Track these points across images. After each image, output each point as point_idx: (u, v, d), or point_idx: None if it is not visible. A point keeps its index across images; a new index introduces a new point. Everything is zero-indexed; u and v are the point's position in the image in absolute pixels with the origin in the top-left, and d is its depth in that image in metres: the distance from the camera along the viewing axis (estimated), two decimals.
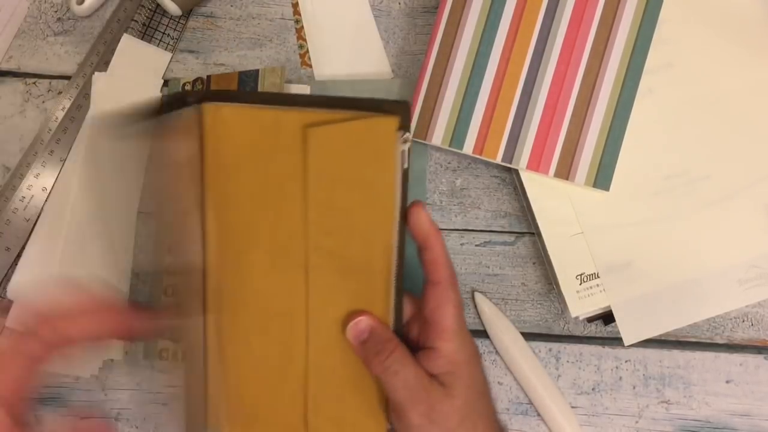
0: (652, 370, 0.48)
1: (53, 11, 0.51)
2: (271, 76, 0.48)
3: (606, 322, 0.47)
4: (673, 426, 0.47)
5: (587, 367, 0.48)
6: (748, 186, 0.46)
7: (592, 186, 0.45)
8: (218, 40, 0.51)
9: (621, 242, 0.46)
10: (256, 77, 0.48)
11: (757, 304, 0.48)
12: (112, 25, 0.50)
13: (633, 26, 0.45)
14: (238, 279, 0.36)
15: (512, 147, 0.45)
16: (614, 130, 0.45)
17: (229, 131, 0.35)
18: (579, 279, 0.45)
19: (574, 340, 0.48)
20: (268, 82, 0.47)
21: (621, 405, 0.47)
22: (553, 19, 0.45)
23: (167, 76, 0.50)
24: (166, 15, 0.50)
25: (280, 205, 0.35)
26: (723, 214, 0.46)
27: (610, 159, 0.45)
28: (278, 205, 0.35)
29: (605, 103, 0.45)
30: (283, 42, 0.51)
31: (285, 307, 0.36)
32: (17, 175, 0.48)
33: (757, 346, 0.48)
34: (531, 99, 0.45)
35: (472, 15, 0.46)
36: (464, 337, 0.38)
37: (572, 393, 0.48)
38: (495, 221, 0.49)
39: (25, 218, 0.48)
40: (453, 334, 0.37)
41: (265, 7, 0.51)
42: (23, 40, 0.50)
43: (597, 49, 0.45)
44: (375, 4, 0.50)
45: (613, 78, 0.45)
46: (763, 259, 0.46)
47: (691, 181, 0.46)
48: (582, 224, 0.46)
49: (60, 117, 0.49)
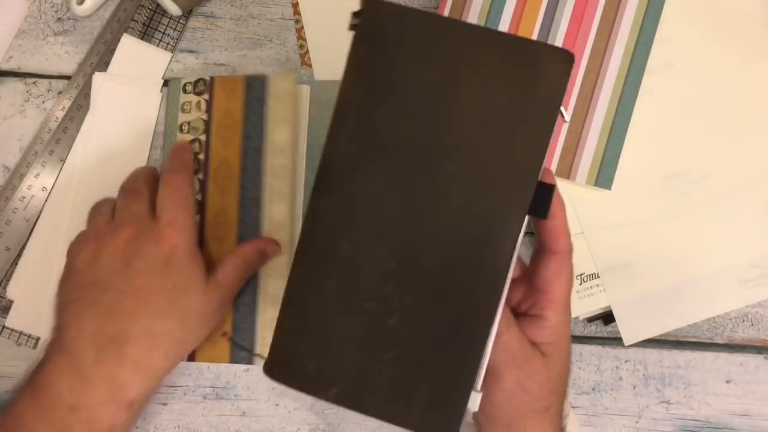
0: (652, 370, 0.48)
1: (53, 11, 0.51)
2: (282, 83, 0.47)
3: (606, 322, 0.47)
4: (673, 426, 0.47)
5: (587, 367, 0.48)
6: (748, 186, 0.46)
7: (593, 185, 0.45)
8: (218, 40, 0.51)
9: (621, 242, 0.46)
10: (264, 84, 0.47)
11: (757, 304, 0.48)
12: (112, 25, 0.50)
13: (634, 25, 0.45)
14: None
15: None
16: (615, 130, 0.45)
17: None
18: (579, 279, 0.45)
19: (574, 340, 0.48)
20: (279, 89, 0.47)
21: (621, 405, 0.47)
22: (553, 19, 0.45)
23: (167, 76, 0.50)
24: (166, 15, 0.50)
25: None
26: (723, 214, 0.46)
27: (611, 158, 0.45)
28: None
29: (606, 102, 0.45)
30: (283, 42, 0.50)
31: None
32: (17, 175, 0.48)
33: (757, 346, 0.48)
34: None
35: (472, 15, 0.46)
36: (570, 310, 0.37)
37: (572, 393, 0.48)
38: None
39: (25, 218, 0.48)
40: (563, 306, 0.37)
41: (265, 7, 0.51)
42: (23, 40, 0.50)
43: (598, 49, 0.45)
44: None
45: (614, 77, 0.45)
46: (763, 259, 0.46)
47: (691, 181, 0.46)
48: (582, 224, 0.46)
49: (60, 117, 0.49)
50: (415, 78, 0.33)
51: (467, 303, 0.33)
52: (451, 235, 0.33)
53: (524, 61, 0.33)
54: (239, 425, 0.47)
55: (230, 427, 0.47)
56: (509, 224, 0.33)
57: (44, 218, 0.48)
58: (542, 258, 0.37)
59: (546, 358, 0.36)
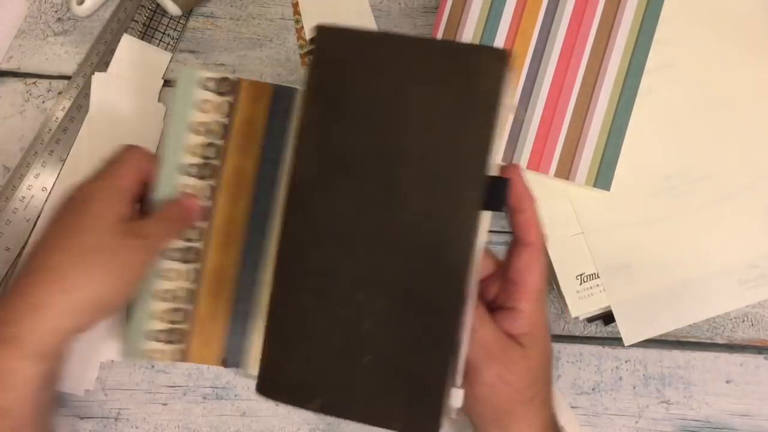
0: (652, 370, 0.48)
1: (53, 11, 0.51)
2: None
3: (606, 322, 0.47)
4: (673, 426, 0.47)
5: (587, 367, 0.48)
6: (748, 186, 0.46)
7: (592, 186, 0.45)
8: (218, 40, 0.51)
9: (621, 242, 0.46)
10: (293, 96, 0.44)
11: (757, 304, 0.48)
12: (112, 25, 0.50)
13: (634, 25, 0.45)
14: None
15: (512, 147, 0.45)
16: (615, 130, 0.45)
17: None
18: (579, 279, 0.45)
19: (574, 340, 0.48)
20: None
21: (621, 405, 0.47)
22: (553, 20, 0.45)
23: (167, 76, 0.50)
24: (166, 15, 0.50)
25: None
26: (723, 214, 0.46)
27: (610, 159, 0.45)
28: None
29: (606, 102, 0.45)
30: (283, 42, 0.51)
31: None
32: (17, 175, 0.48)
33: (757, 346, 0.48)
34: (531, 99, 0.45)
35: (472, 15, 0.46)
36: (545, 300, 0.38)
37: (572, 393, 0.48)
38: (495, 221, 0.49)
39: (25, 218, 0.48)
40: (538, 296, 0.37)
41: (265, 7, 0.51)
42: (23, 40, 0.50)
43: (597, 49, 0.45)
44: (375, 4, 0.50)
45: (613, 77, 0.45)
46: (763, 259, 0.46)
47: (691, 181, 0.46)
48: (582, 224, 0.46)
49: (60, 117, 0.49)
50: (366, 94, 0.36)
51: (433, 302, 0.34)
52: (411, 237, 0.35)
53: (462, 63, 0.35)
54: (239, 425, 0.47)
55: (230, 427, 0.47)
56: (463, 221, 0.34)
57: (44, 218, 0.48)
58: (515, 250, 0.38)
59: (523, 348, 0.37)
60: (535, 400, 0.37)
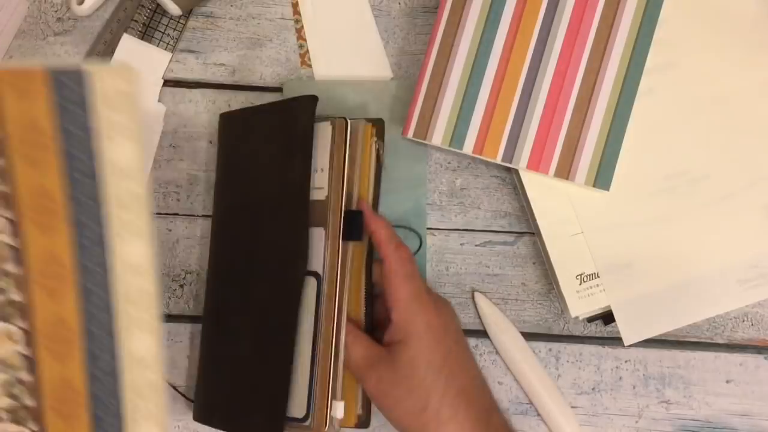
0: (652, 370, 0.48)
1: (53, 11, 0.51)
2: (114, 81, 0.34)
3: (606, 322, 0.47)
4: (673, 426, 0.47)
5: (587, 367, 0.48)
6: (748, 186, 0.46)
7: (592, 186, 0.45)
8: (218, 40, 0.51)
9: (621, 242, 0.46)
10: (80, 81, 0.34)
11: (757, 304, 0.48)
12: (112, 25, 0.50)
13: (633, 25, 0.45)
14: None
15: (512, 147, 0.45)
16: (614, 130, 0.45)
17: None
18: (579, 279, 0.45)
19: (574, 340, 0.48)
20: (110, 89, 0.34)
21: (621, 405, 0.47)
22: (553, 19, 0.45)
23: (167, 76, 0.50)
24: (166, 15, 0.50)
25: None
26: (723, 214, 0.46)
27: (610, 159, 0.45)
28: None
29: (605, 102, 0.45)
30: (283, 42, 0.51)
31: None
32: None
33: (757, 346, 0.48)
34: (531, 99, 0.45)
35: (472, 15, 0.46)
36: (423, 308, 0.41)
37: (572, 393, 0.48)
38: (495, 221, 0.49)
39: None
40: (405, 305, 0.40)
41: (265, 7, 0.51)
42: (23, 40, 0.50)
43: (597, 49, 0.45)
44: (375, 4, 0.50)
45: (613, 77, 0.45)
46: (763, 259, 0.46)
47: (691, 181, 0.46)
48: (582, 224, 0.46)
49: None
50: (237, 158, 0.46)
51: (279, 320, 0.41)
52: (267, 267, 0.43)
53: (286, 114, 0.44)
54: None
55: None
56: (300, 246, 0.41)
57: None
58: (380, 268, 0.42)
59: (391, 355, 0.40)
60: (428, 409, 0.39)
